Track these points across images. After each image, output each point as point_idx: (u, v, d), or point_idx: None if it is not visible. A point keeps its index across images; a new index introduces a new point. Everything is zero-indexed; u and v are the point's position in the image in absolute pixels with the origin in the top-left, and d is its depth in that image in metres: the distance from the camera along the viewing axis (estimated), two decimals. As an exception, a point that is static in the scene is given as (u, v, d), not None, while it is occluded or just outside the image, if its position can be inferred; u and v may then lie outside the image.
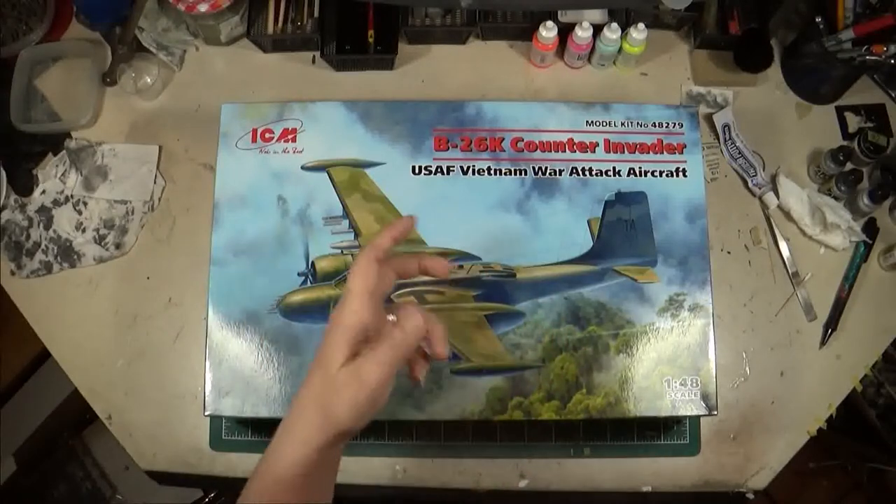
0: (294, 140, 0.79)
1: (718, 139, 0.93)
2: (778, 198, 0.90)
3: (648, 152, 0.80)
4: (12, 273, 0.90)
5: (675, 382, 0.74)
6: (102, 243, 0.90)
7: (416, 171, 0.78)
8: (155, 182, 0.92)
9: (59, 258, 0.90)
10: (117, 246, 0.90)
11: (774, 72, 0.97)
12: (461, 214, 0.77)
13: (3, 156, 0.93)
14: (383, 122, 0.80)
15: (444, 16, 0.95)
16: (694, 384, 0.74)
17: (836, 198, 0.90)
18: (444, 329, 0.50)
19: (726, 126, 0.93)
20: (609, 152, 0.80)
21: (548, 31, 0.90)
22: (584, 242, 0.77)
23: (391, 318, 0.49)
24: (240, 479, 0.83)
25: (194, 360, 0.84)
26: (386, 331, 0.47)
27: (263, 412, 0.72)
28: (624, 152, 0.80)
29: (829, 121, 0.95)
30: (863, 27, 0.85)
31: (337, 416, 0.46)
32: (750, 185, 0.92)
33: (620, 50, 0.93)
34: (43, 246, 0.90)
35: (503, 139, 0.80)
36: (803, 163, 0.94)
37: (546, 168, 0.79)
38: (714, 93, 0.96)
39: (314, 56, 0.97)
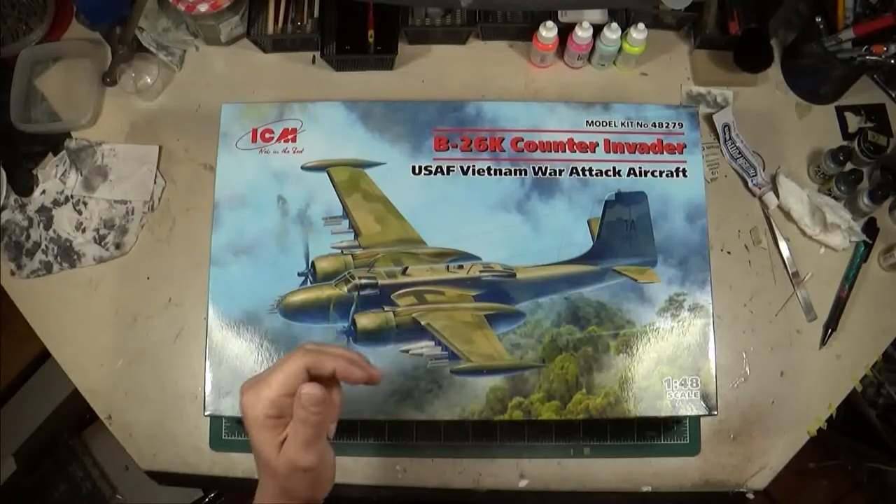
0: (294, 140, 0.79)
1: (718, 139, 0.93)
2: (778, 198, 0.90)
3: (648, 152, 0.80)
4: (12, 273, 0.90)
5: (675, 382, 0.74)
6: (102, 243, 0.90)
7: (416, 171, 0.78)
8: (155, 182, 0.92)
9: (59, 258, 0.90)
10: (117, 246, 0.90)
11: (774, 72, 0.97)
12: (461, 214, 0.77)
13: (3, 156, 0.93)
14: (383, 122, 0.80)
15: (444, 16, 0.95)
16: (694, 384, 0.74)
17: (836, 198, 0.90)
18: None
19: (726, 126, 0.93)
20: (609, 152, 0.80)
21: (548, 31, 0.90)
22: (584, 242, 0.77)
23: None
24: (240, 479, 0.83)
25: (194, 360, 0.84)
26: (295, 408, 0.47)
27: (263, 412, 0.72)
28: (624, 152, 0.80)
29: (829, 121, 0.96)
30: (863, 27, 0.85)
31: (303, 496, 0.49)
32: (750, 185, 0.92)
33: (620, 50, 0.93)
34: (43, 246, 0.90)
35: (503, 139, 0.80)
36: (803, 163, 0.94)
37: (546, 168, 0.79)
38: (714, 93, 0.96)
39: (314, 56, 0.97)
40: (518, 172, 0.79)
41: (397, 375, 0.72)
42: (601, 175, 0.79)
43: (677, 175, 0.79)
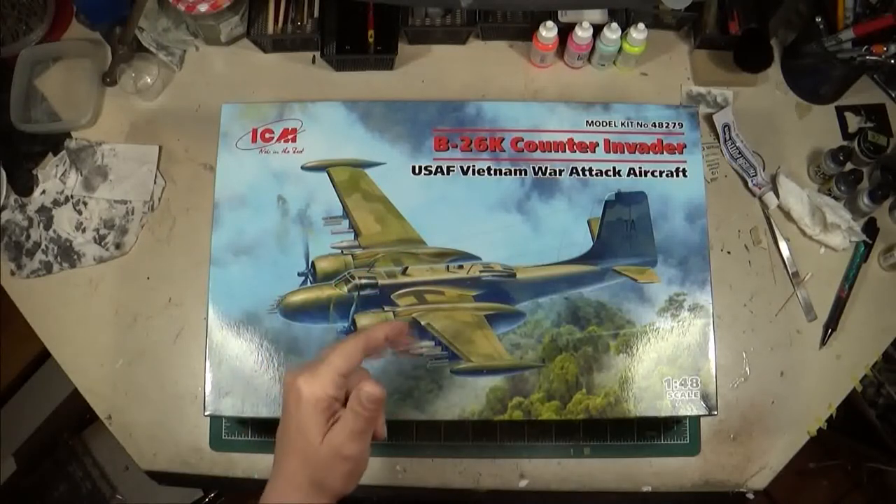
0: (294, 140, 0.79)
1: (718, 139, 0.93)
2: (778, 198, 0.90)
3: (648, 152, 0.80)
4: (12, 273, 0.90)
5: (675, 382, 0.74)
6: (102, 243, 0.90)
7: (416, 171, 0.78)
8: (155, 182, 0.92)
9: (59, 258, 0.90)
10: (117, 246, 0.90)
11: (774, 72, 0.97)
12: (461, 214, 0.77)
13: (3, 156, 0.93)
14: (383, 122, 0.80)
15: (444, 16, 0.95)
16: (694, 384, 0.74)
17: (836, 198, 0.90)
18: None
19: (726, 126, 0.93)
20: (609, 152, 0.80)
21: (548, 31, 0.90)
22: (584, 242, 0.77)
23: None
24: (240, 479, 0.83)
25: (194, 360, 0.84)
26: (351, 399, 0.49)
27: (263, 412, 0.72)
28: (624, 152, 0.80)
29: (829, 121, 0.95)
30: (863, 27, 0.85)
31: (333, 489, 0.49)
32: (750, 185, 0.92)
33: (620, 50, 0.93)
34: (43, 246, 0.90)
35: (503, 139, 0.80)
36: (803, 163, 0.94)
37: (546, 168, 0.79)
38: (714, 93, 0.96)
39: (314, 56, 0.97)
40: (518, 172, 0.79)
41: (397, 375, 0.72)
42: (601, 175, 0.79)
43: (677, 175, 0.79)
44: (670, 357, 0.74)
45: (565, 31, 0.92)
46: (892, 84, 0.96)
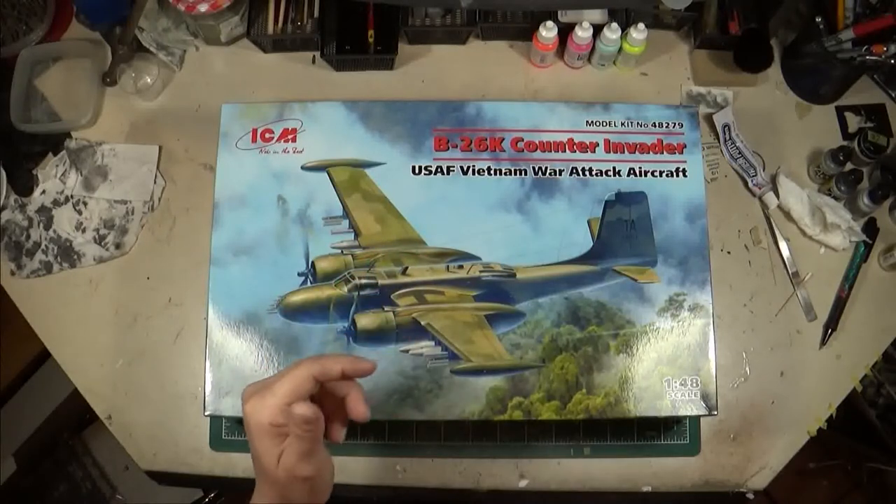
0: (294, 140, 0.79)
1: (718, 139, 0.93)
2: (778, 198, 0.90)
3: (648, 152, 0.80)
4: (12, 273, 0.90)
5: (675, 382, 0.74)
6: (102, 243, 0.90)
7: (416, 171, 0.78)
8: (155, 182, 0.92)
9: (59, 258, 0.90)
10: (117, 246, 0.90)
11: (774, 72, 0.97)
12: (461, 214, 0.77)
13: (3, 156, 0.93)
14: (383, 122, 0.80)
15: (444, 16, 0.95)
16: (694, 384, 0.74)
17: (836, 198, 0.90)
18: (360, 391, 0.51)
19: (726, 126, 0.93)
20: (609, 152, 0.80)
21: (548, 31, 0.90)
22: (584, 242, 0.77)
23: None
24: (240, 479, 0.83)
25: (194, 360, 0.84)
26: (291, 423, 0.48)
27: (263, 412, 0.72)
28: (624, 152, 0.80)
29: (829, 121, 0.96)
30: (863, 27, 0.85)
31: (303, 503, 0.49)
32: (750, 185, 0.92)
33: (620, 50, 0.93)
34: (43, 246, 0.90)
35: (503, 139, 0.80)
36: (803, 163, 0.94)
37: (546, 168, 0.79)
38: (714, 93, 0.96)
39: (314, 56, 0.97)
40: (518, 172, 0.79)
41: (397, 375, 0.72)
42: (601, 175, 0.79)
43: (677, 175, 0.79)
44: (670, 357, 0.74)
45: (565, 31, 0.92)
46: (892, 84, 0.96)
